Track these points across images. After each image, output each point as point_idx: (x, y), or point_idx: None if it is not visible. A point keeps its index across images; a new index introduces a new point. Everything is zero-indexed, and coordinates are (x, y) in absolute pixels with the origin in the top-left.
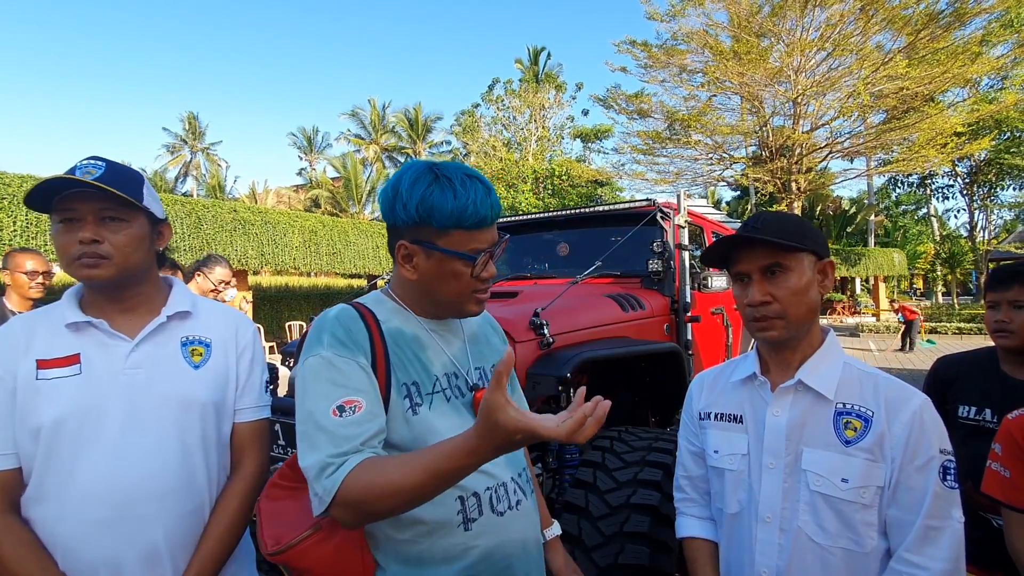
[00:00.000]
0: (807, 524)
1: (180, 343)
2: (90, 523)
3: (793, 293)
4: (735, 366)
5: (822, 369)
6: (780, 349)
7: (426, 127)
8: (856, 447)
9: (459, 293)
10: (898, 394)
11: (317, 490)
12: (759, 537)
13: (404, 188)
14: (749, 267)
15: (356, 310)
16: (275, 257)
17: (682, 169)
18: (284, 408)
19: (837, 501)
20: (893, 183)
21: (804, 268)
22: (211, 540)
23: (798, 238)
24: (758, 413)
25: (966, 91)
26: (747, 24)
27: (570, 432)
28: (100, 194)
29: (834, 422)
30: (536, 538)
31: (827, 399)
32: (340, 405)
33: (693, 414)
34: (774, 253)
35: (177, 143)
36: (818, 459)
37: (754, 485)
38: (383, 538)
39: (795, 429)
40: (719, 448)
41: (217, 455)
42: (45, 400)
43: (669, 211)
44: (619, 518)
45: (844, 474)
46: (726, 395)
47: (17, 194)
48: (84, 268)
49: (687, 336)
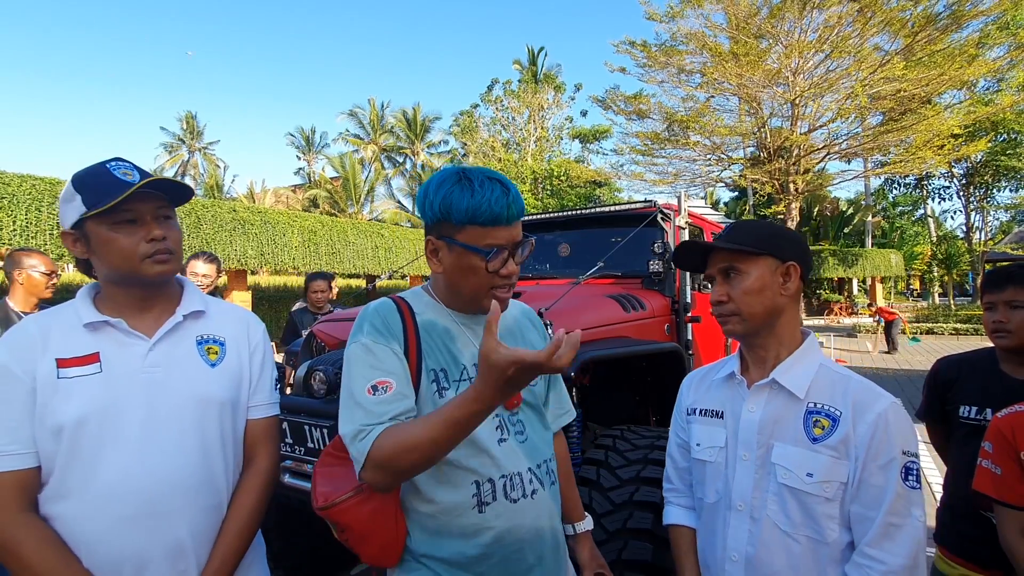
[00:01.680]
0: (775, 513)
1: (196, 342)
2: (116, 519)
3: (746, 293)
4: (721, 365)
5: (796, 370)
6: (753, 348)
7: (424, 127)
8: (822, 444)
9: (477, 287)
10: (866, 396)
11: (353, 453)
12: (731, 524)
13: (432, 189)
14: (712, 270)
15: (395, 303)
16: (274, 257)
17: (680, 170)
18: (292, 406)
19: (802, 494)
20: (890, 184)
21: (761, 270)
22: (230, 534)
23: (755, 243)
24: (735, 409)
25: (963, 93)
26: (745, 25)
27: (548, 356)
28: (155, 194)
29: (804, 420)
30: (553, 527)
31: (798, 398)
32: (374, 385)
33: (682, 410)
34: (729, 257)
35: (175, 142)
36: (787, 454)
37: (729, 476)
38: (410, 509)
39: (767, 425)
40: (701, 441)
41: (233, 451)
42: (66, 399)
43: (670, 212)
44: (622, 515)
45: (809, 469)
46: (711, 392)
47: (17, 193)
48: (157, 265)
49: (688, 336)
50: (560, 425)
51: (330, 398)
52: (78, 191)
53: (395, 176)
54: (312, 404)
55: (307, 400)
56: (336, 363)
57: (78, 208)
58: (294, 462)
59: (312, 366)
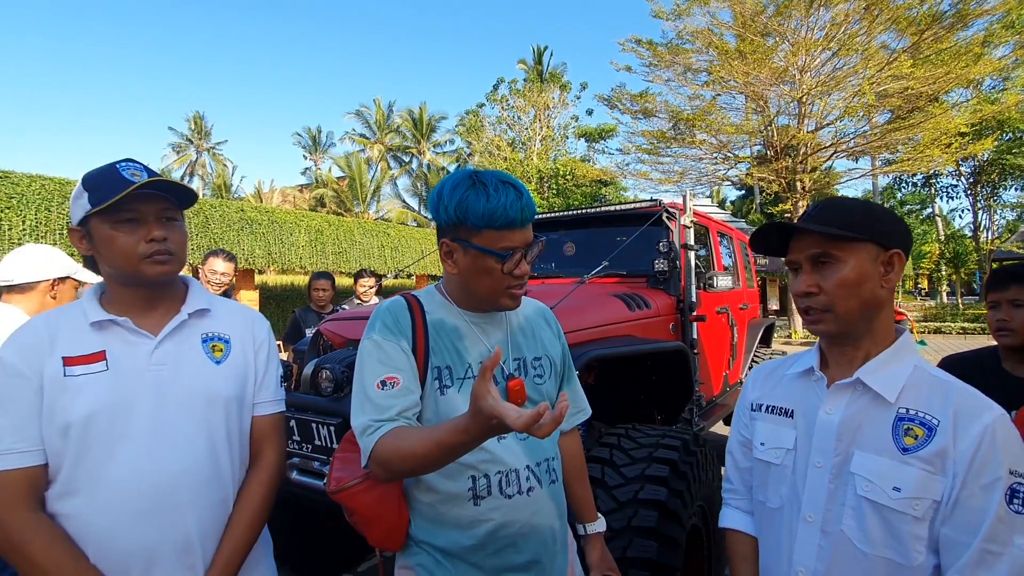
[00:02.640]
0: (851, 529)
1: (201, 339)
2: (126, 515)
3: (841, 285)
4: (795, 359)
5: (887, 370)
6: (841, 345)
7: (430, 127)
8: (914, 456)
9: (493, 288)
10: (970, 405)
11: (361, 446)
12: (799, 536)
13: (446, 192)
14: (798, 256)
15: (406, 301)
16: (281, 256)
17: (687, 168)
18: (299, 404)
19: (886, 510)
20: (898, 183)
21: (859, 259)
22: (238, 529)
23: (855, 226)
24: (810, 409)
25: (969, 91)
26: (752, 23)
27: (526, 425)
28: (160, 195)
29: (893, 427)
30: (551, 526)
31: (887, 402)
32: (383, 380)
33: (746, 404)
34: (823, 242)
35: (183, 142)
36: (870, 464)
37: (798, 482)
38: (412, 497)
39: (848, 429)
40: (765, 440)
41: (240, 447)
42: (74, 397)
43: (675, 211)
44: (626, 513)
45: (897, 482)
46: (780, 387)
47: (26, 193)
48: (156, 265)
49: (693, 335)
50: (574, 423)
51: (337, 396)
52: (86, 189)
53: (401, 176)
54: (319, 402)
55: (314, 398)
56: (343, 361)
57: (84, 206)
58: (301, 459)
59: (319, 364)
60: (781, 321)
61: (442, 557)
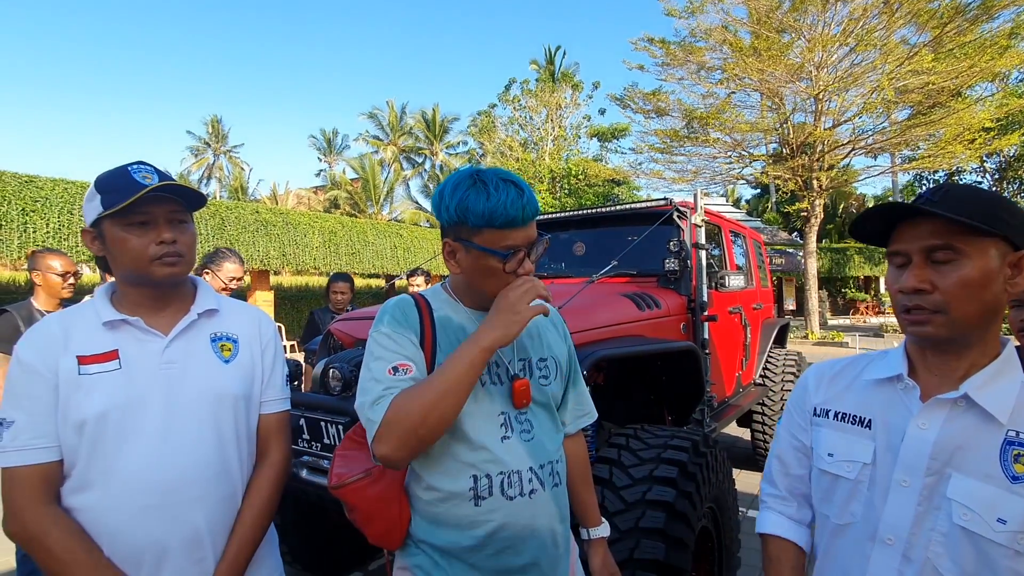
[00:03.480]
0: (940, 558)
1: (210, 339)
2: (137, 509)
3: (963, 285)
4: (869, 361)
5: (996, 386)
6: (943, 353)
7: (443, 128)
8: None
9: (496, 287)
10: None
11: (370, 416)
12: (875, 559)
13: (447, 192)
14: (909, 246)
15: (413, 299)
16: (296, 257)
17: (700, 167)
18: (308, 403)
19: (984, 541)
20: (919, 180)
21: (986, 257)
22: (246, 524)
23: (985, 218)
24: (896, 421)
25: (994, 85)
26: (767, 20)
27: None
28: (170, 197)
29: (1001, 451)
30: (552, 529)
31: (998, 422)
32: (395, 366)
33: (806, 407)
34: (946, 233)
35: (201, 146)
36: (971, 490)
37: (877, 500)
38: (413, 496)
39: (944, 449)
40: (834, 452)
41: (247, 444)
42: (88, 394)
43: (686, 210)
44: (634, 514)
45: (1003, 514)
46: (853, 393)
47: (50, 197)
48: (165, 266)
49: (704, 335)
50: (580, 426)
51: (345, 395)
52: (99, 191)
53: (414, 177)
54: (328, 401)
55: (324, 397)
56: (351, 361)
57: (97, 208)
58: (311, 458)
59: (328, 363)
60: (797, 321)
61: (440, 557)
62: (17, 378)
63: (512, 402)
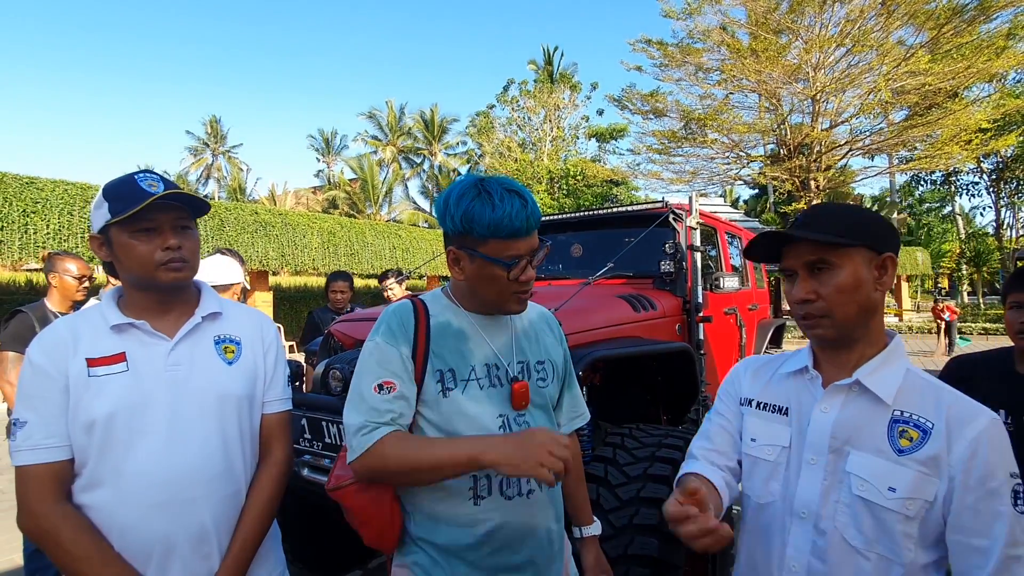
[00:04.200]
0: (845, 527)
1: (213, 341)
2: (146, 506)
3: (839, 291)
4: (787, 358)
5: (883, 372)
6: (836, 348)
7: (442, 128)
8: (909, 457)
9: (499, 294)
10: (963, 410)
11: (352, 444)
12: (792, 532)
13: (452, 202)
14: (794, 263)
15: (413, 304)
16: (295, 258)
17: (698, 168)
18: (309, 403)
19: (879, 508)
20: (916, 180)
21: (855, 264)
22: (250, 521)
23: (848, 232)
24: (805, 408)
25: (991, 86)
26: (765, 21)
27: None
28: (176, 205)
29: (888, 428)
30: (547, 528)
31: (884, 404)
32: (380, 384)
33: (734, 396)
34: (820, 249)
35: (199, 146)
36: (866, 464)
37: (791, 479)
38: (412, 494)
39: (843, 429)
40: (757, 437)
41: (251, 444)
42: (97, 395)
43: (681, 212)
44: (629, 511)
45: (892, 483)
46: (773, 385)
47: (50, 198)
48: (171, 272)
49: (699, 336)
50: (574, 427)
51: (345, 395)
52: (106, 199)
53: (412, 177)
54: (330, 401)
55: (325, 397)
56: (351, 362)
57: (104, 215)
58: (313, 457)
59: (329, 364)
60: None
61: (439, 555)
62: (29, 380)
63: (511, 404)
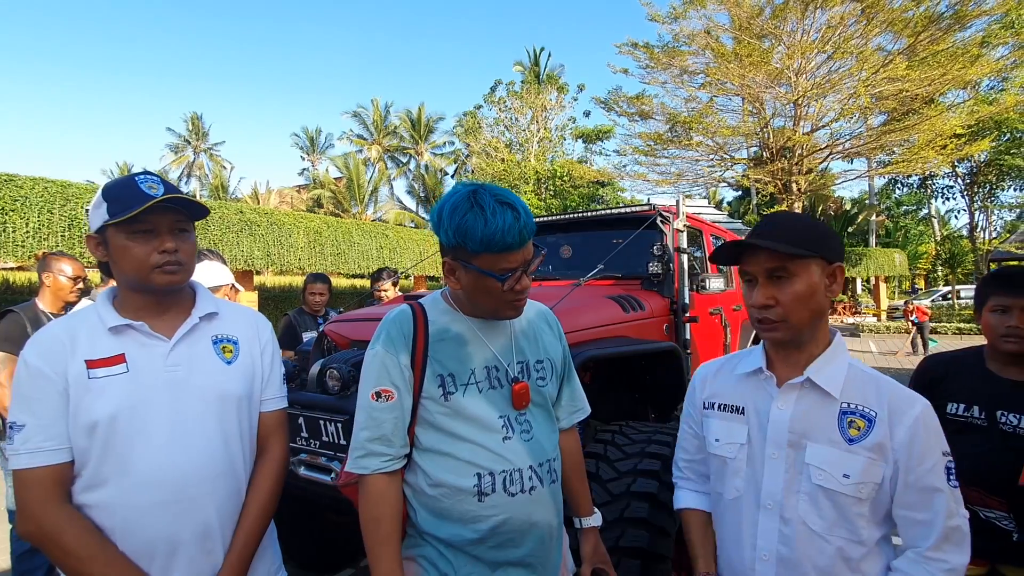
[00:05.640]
0: (807, 514)
1: (211, 341)
2: (150, 505)
3: (796, 298)
4: (739, 359)
5: (829, 369)
6: (787, 348)
7: (428, 128)
8: (859, 445)
9: (494, 303)
10: (901, 398)
11: (350, 465)
12: (761, 523)
13: (445, 215)
14: (755, 269)
15: (412, 310)
16: (280, 258)
17: (683, 170)
18: (307, 403)
19: (836, 495)
20: (894, 184)
21: (810, 273)
22: (251, 516)
23: (805, 244)
24: (761, 406)
25: (966, 93)
26: (748, 26)
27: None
28: (174, 208)
29: (839, 420)
30: (548, 523)
31: (833, 398)
32: (378, 392)
33: (696, 403)
34: (778, 258)
35: (180, 143)
36: (822, 454)
37: (756, 474)
38: (419, 491)
39: (798, 423)
40: (719, 436)
41: (249, 442)
42: (98, 397)
43: (668, 215)
44: (620, 505)
45: (846, 470)
46: (729, 387)
47: (30, 196)
48: (166, 275)
49: (686, 336)
50: (573, 421)
51: (343, 394)
52: (105, 199)
53: (399, 177)
54: (327, 400)
55: (322, 396)
56: (348, 361)
57: (103, 215)
58: (309, 455)
59: (326, 364)
60: None
61: (444, 549)
62: (26, 382)
63: (512, 404)
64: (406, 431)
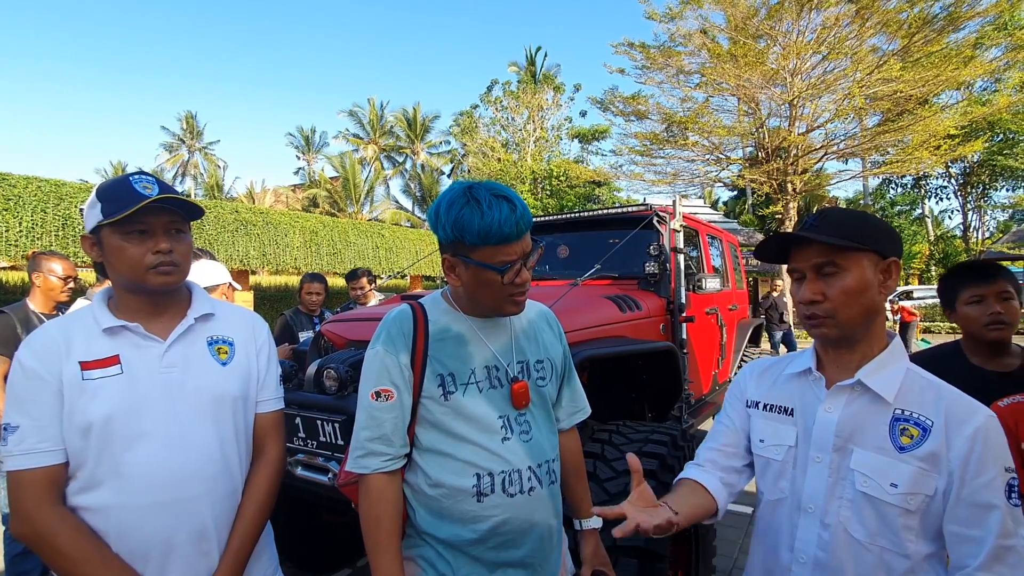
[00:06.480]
0: (848, 520)
1: (207, 342)
2: (146, 507)
3: (845, 293)
4: (791, 360)
5: (884, 372)
6: (837, 348)
7: (424, 127)
8: (910, 454)
9: (495, 298)
10: (962, 407)
11: (351, 464)
12: (800, 526)
13: (442, 211)
14: (802, 265)
15: (412, 310)
16: (276, 257)
17: (679, 170)
18: (304, 403)
19: (881, 503)
20: (888, 184)
21: (861, 268)
22: (247, 517)
23: (857, 237)
24: (809, 408)
25: (959, 93)
26: (744, 26)
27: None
28: (168, 208)
29: (890, 427)
30: (547, 524)
31: (886, 402)
32: (378, 391)
33: (741, 398)
34: (828, 252)
35: (175, 142)
36: (868, 461)
37: (798, 476)
38: (419, 491)
39: (846, 427)
40: (765, 438)
41: (245, 443)
42: (92, 399)
43: (665, 215)
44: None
45: (894, 479)
46: (778, 387)
47: (23, 195)
48: (160, 276)
49: (682, 335)
50: (574, 422)
51: (341, 395)
52: (100, 199)
53: (395, 176)
54: (324, 400)
55: (320, 396)
56: (346, 361)
57: (97, 216)
58: (306, 455)
59: (323, 364)
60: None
61: (443, 549)
62: (20, 383)
63: (512, 404)
64: (406, 431)
